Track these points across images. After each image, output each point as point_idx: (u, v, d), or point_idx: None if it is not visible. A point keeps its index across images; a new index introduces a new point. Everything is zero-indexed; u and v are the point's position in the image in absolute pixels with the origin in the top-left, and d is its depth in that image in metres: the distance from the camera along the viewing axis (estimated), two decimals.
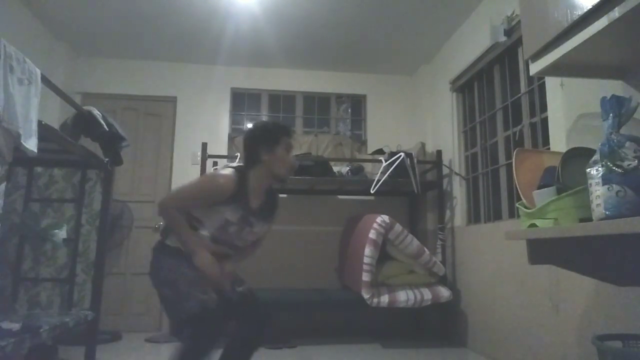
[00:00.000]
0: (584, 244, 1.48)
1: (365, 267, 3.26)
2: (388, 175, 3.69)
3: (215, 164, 3.87)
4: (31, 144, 1.89)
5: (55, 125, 2.67)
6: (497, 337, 2.97)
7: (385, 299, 3.28)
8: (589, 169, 1.21)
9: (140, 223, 4.09)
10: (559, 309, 2.33)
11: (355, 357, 3.21)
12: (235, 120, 4.58)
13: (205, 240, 1.85)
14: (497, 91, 3.33)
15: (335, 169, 3.91)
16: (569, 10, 1.39)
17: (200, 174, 3.56)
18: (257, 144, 1.91)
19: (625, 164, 1.12)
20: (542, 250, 1.60)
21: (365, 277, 3.26)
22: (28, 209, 2.74)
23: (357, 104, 4.81)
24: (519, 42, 2.89)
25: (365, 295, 3.24)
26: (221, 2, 3.37)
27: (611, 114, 1.21)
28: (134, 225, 3.96)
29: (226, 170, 1.89)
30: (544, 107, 2.63)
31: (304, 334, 3.77)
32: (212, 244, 1.86)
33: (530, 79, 2.87)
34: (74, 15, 3.56)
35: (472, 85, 3.69)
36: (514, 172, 1.66)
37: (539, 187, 1.50)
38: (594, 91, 1.87)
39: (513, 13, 2.88)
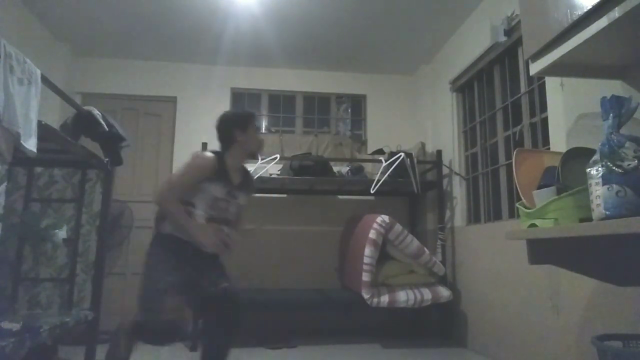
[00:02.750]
0: (584, 244, 1.48)
1: (365, 267, 3.26)
2: (388, 175, 3.70)
3: None
4: (31, 144, 1.89)
5: (55, 125, 2.67)
6: (497, 337, 2.97)
7: (385, 299, 3.28)
8: (589, 169, 1.21)
9: (141, 223, 4.08)
10: (559, 309, 2.33)
11: (355, 357, 3.21)
12: None
13: (202, 221, 2.09)
14: (497, 91, 3.32)
15: (335, 169, 3.91)
16: (569, 10, 1.38)
17: None
18: (232, 127, 2.21)
19: (625, 164, 1.12)
20: (542, 250, 1.60)
21: (365, 277, 3.26)
22: (28, 209, 2.74)
23: (357, 104, 4.81)
24: (519, 42, 2.89)
25: (365, 295, 3.24)
26: (221, 2, 3.37)
27: (611, 114, 1.21)
28: (134, 225, 3.96)
29: (206, 152, 2.19)
30: (544, 107, 2.63)
31: (304, 334, 3.77)
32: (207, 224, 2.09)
33: (530, 79, 2.87)
34: (74, 15, 3.56)
35: (472, 85, 3.68)
36: (514, 172, 1.65)
37: (539, 187, 1.50)
38: (594, 91, 1.86)
39: (513, 13, 2.88)
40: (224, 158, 2.18)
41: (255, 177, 3.58)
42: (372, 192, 3.69)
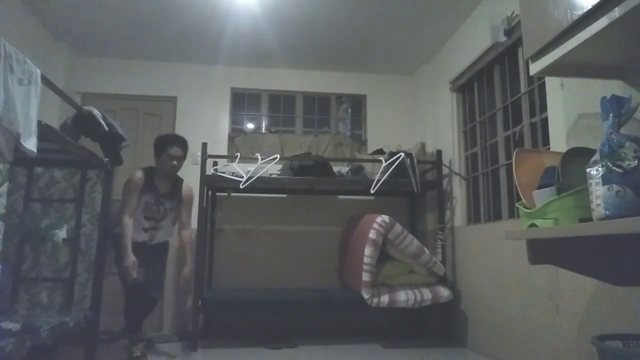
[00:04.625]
0: (584, 244, 1.48)
1: (365, 267, 3.26)
2: (388, 175, 3.69)
3: (215, 163, 3.88)
4: (31, 144, 1.89)
5: (55, 125, 2.67)
6: (497, 337, 2.97)
7: (385, 299, 3.28)
8: (589, 169, 1.21)
9: None
10: (559, 309, 2.33)
11: (355, 357, 3.21)
12: (235, 120, 4.58)
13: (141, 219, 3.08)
14: (497, 91, 3.32)
15: (335, 169, 3.91)
16: (569, 10, 1.39)
17: (200, 174, 3.56)
18: (154, 149, 3.16)
19: (625, 164, 1.12)
20: (542, 250, 1.60)
21: (365, 277, 3.26)
22: (28, 209, 2.74)
23: (357, 104, 4.81)
24: (519, 42, 2.89)
25: (365, 295, 3.24)
26: (221, 2, 3.37)
27: (611, 114, 1.21)
28: None
29: (137, 170, 3.11)
30: (544, 107, 2.63)
31: (304, 334, 3.77)
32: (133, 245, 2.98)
33: (530, 79, 2.87)
34: (74, 15, 3.56)
35: (472, 85, 3.68)
36: (514, 172, 1.66)
37: (539, 187, 1.50)
38: (594, 91, 1.87)
39: (513, 13, 2.88)
40: (153, 172, 3.12)
41: (255, 177, 3.59)
42: (372, 192, 3.69)
